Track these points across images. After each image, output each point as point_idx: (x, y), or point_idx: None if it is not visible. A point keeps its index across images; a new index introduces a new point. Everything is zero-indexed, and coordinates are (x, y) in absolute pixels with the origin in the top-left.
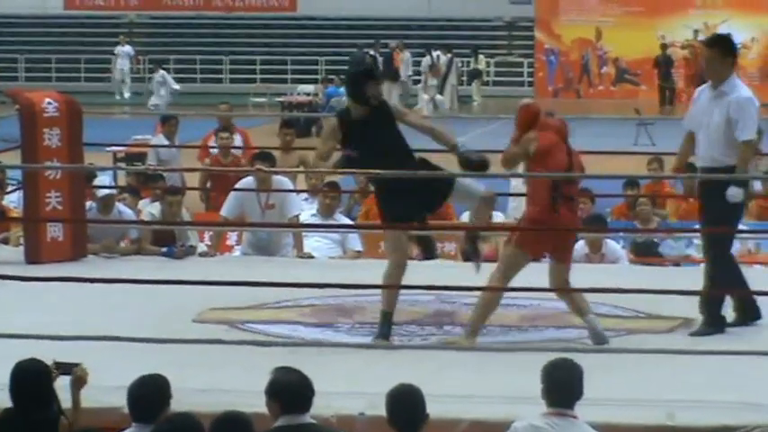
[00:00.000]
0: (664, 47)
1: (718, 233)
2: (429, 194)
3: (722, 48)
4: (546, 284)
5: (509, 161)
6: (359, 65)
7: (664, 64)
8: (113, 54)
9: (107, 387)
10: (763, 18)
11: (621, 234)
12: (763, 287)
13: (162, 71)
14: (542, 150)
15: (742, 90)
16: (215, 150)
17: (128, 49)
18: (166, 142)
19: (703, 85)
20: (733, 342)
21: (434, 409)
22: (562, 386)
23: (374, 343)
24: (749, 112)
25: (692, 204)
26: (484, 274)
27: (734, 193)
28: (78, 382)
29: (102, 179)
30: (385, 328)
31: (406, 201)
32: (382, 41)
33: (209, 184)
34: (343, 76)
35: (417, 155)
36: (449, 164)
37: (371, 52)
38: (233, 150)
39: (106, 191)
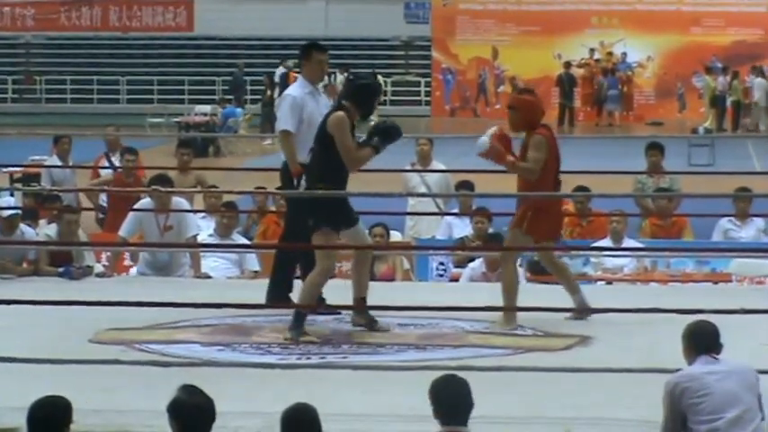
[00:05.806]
0: (567, 65)
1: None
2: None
3: None
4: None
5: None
6: (368, 79)
7: (567, 82)
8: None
9: (2, 408)
10: (658, 38)
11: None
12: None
13: None
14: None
15: None
16: (105, 171)
17: None
18: (60, 163)
19: (302, 88)
20: (631, 359)
21: (330, 428)
22: (450, 404)
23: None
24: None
25: (588, 222)
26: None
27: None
28: None
29: (6, 200)
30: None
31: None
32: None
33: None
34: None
35: None
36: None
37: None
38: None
39: (11, 211)
